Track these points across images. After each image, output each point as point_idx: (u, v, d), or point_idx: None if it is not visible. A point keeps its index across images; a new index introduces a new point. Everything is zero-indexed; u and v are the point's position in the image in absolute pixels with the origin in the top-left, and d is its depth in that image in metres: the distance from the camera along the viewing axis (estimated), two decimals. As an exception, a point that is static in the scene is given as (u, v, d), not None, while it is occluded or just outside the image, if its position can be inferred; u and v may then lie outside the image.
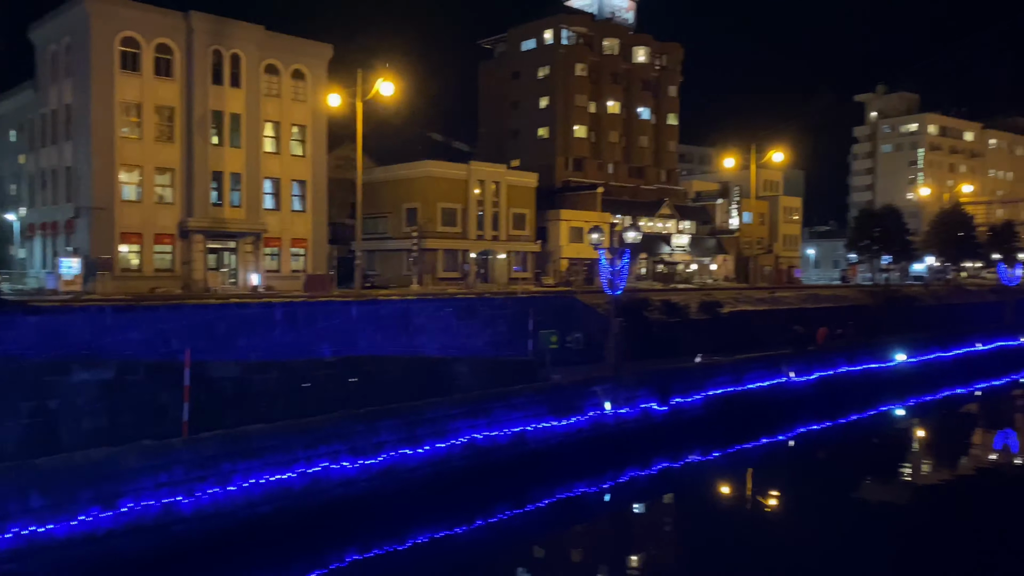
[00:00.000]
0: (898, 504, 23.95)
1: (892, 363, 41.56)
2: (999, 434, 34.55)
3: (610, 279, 29.79)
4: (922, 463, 30.19)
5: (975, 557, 18.66)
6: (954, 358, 46.39)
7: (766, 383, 33.78)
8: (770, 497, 24.96)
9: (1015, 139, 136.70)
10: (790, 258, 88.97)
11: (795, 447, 31.06)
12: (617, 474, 25.29)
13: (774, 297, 49.91)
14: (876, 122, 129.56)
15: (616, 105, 79.80)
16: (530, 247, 63.44)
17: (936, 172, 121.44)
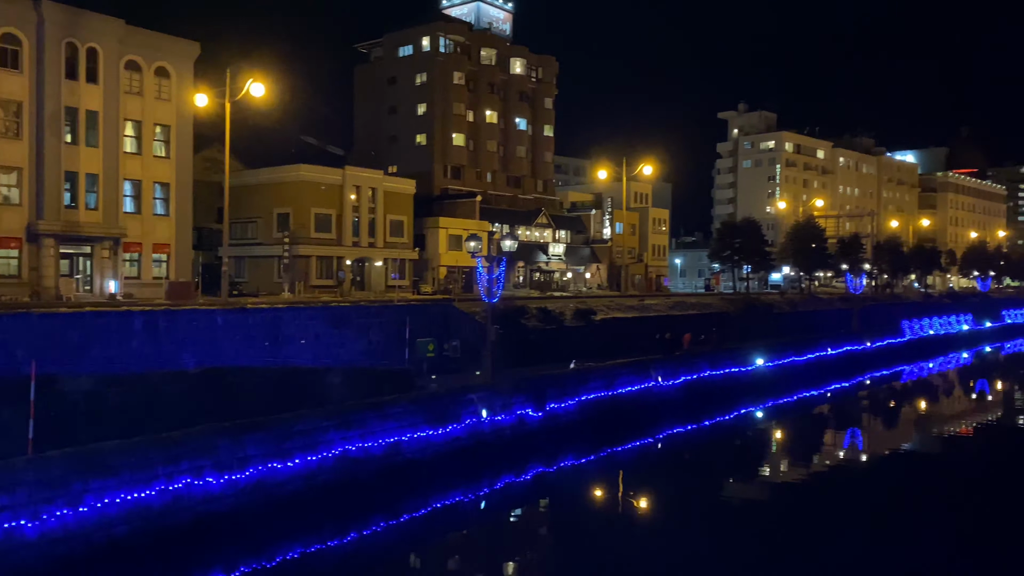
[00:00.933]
0: (759, 500, 25.29)
1: (752, 367, 43.88)
2: (848, 432, 37.10)
3: (488, 287, 29.98)
4: (780, 461, 31.99)
5: (828, 549, 19.93)
6: (807, 362, 49.54)
7: (636, 387, 34.92)
8: (640, 497, 25.76)
9: (861, 157, 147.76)
10: (659, 267, 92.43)
11: (663, 448, 32.23)
12: (493, 481, 25.42)
13: (644, 305, 51.67)
14: (738, 139, 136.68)
15: (494, 115, 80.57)
16: (408, 254, 62.93)
17: (792, 187, 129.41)
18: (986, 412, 43.64)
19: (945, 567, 18.59)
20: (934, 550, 19.66)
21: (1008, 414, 43.38)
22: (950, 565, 18.67)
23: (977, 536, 20.81)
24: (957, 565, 18.66)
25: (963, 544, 20.09)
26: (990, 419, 41.85)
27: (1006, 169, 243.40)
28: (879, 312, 69.44)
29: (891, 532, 21.00)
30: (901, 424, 39.82)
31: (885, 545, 19.97)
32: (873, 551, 19.55)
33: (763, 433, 37.42)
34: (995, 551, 19.63)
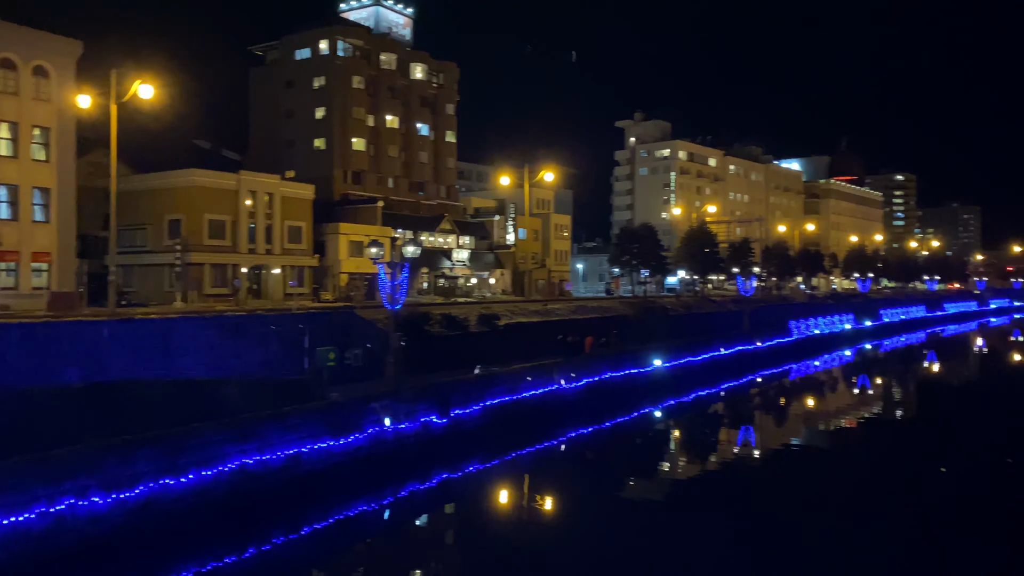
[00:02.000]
0: (659, 497, 26.00)
1: (651, 368, 45.10)
2: (741, 429, 38.62)
3: (390, 294, 29.71)
4: (679, 458, 33.00)
5: (725, 541, 20.68)
6: (702, 362, 51.30)
7: (540, 391, 35.33)
8: (545, 499, 26.05)
9: (750, 165, 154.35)
10: (561, 272, 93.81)
11: (567, 450, 32.71)
12: (397, 489, 25.19)
13: (547, 309, 52.36)
14: (634, 147, 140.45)
15: (395, 120, 79.99)
16: (307, 261, 61.61)
17: (686, 194, 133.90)
18: (867, 406, 46.29)
19: (834, 551, 19.59)
20: (826, 536, 20.71)
21: (888, 407, 46.14)
22: (839, 549, 19.69)
23: (863, 520, 22.03)
24: (846, 550, 19.70)
25: (853, 529, 21.23)
26: (871, 412, 44.41)
27: (882, 177, 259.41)
28: (768, 313, 72.59)
29: (785, 522, 22.00)
30: (790, 419, 41.73)
31: (779, 534, 20.90)
32: (767, 541, 20.43)
33: (662, 432, 38.51)
34: (881, 534, 20.83)
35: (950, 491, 25.36)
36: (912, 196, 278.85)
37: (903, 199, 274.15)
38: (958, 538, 20.54)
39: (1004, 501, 23.88)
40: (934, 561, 19.00)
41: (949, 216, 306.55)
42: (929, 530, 21.26)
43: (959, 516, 22.50)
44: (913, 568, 18.66)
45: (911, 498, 24.50)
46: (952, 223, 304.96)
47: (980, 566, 18.68)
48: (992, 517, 22.26)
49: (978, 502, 23.88)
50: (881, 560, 19.01)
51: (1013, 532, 20.91)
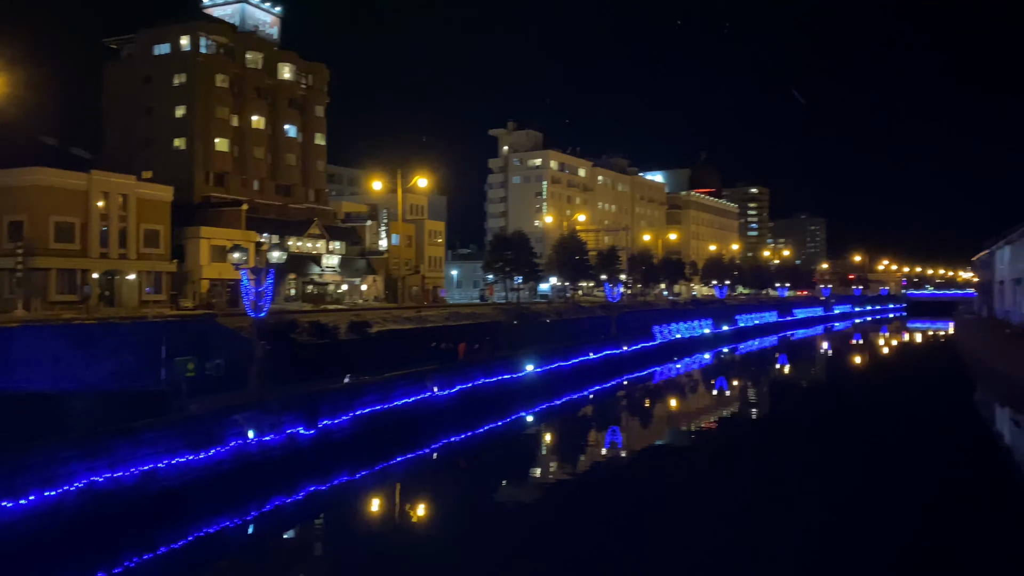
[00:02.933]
0: (531, 499, 26.26)
1: (523, 374, 45.65)
2: (608, 431, 39.66)
3: (254, 301, 28.62)
4: (550, 461, 33.49)
5: (595, 543, 21.13)
6: (572, 366, 52.42)
7: (412, 399, 34.99)
8: (417, 508, 25.78)
9: (617, 177, 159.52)
10: (435, 279, 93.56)
11: (440, 458, 32.53)
12: (262, 504, 24.23)
13: (421, 316, 51.99)
14: (508, 155, 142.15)
15: (261, 120, 77.38)
16: (165, 267, 58.48)
17: (557, 203, 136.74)
18: (725, 406, 48.69)
19: (702, 544, 20.41)
20: (690, 531, 21.55)
21: (743, 407, 48.68)
22: (706, 542, 20.54)
23: (726, 513, 23.09)
24: (712, 542, 20.56)
25: (716, 521, 22.21)
26: (729, 412, 46.74)
27: (738, 189, 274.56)
28: (634, 318, 75.13)
29: (653, 519, 22.73)
30: (655, 420, 43.29)
31: (649, 531, 21.57)
32: (639, 539, 21.04)
33: (534, 436, 39.01)
34: (744, 529, 21.88)
35: (802, 483, 27.02)
36: (765, 208, 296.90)
37: (757, 211, 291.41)
38: (814, 528, 21.88)
39: (852, 492, 25.66)
40: (790, 551, 20.15)
41: (798, 227, 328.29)
42: (784, 520, 22.55)
43: (813, 506, 24.00)
44: (776, 559, 19.70)
45: (767, 490, 25.91)
46: (801, 233, 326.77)
47: (836, 554, 19.98)
48: (842, 505, 23.88)
49: (827, 491, 25.56)
50: (745, 549, 19.99)
51: (858, 519, 22.52)
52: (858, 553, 19.76)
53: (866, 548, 20.10)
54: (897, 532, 21.43)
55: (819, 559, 19.42)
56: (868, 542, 20.59)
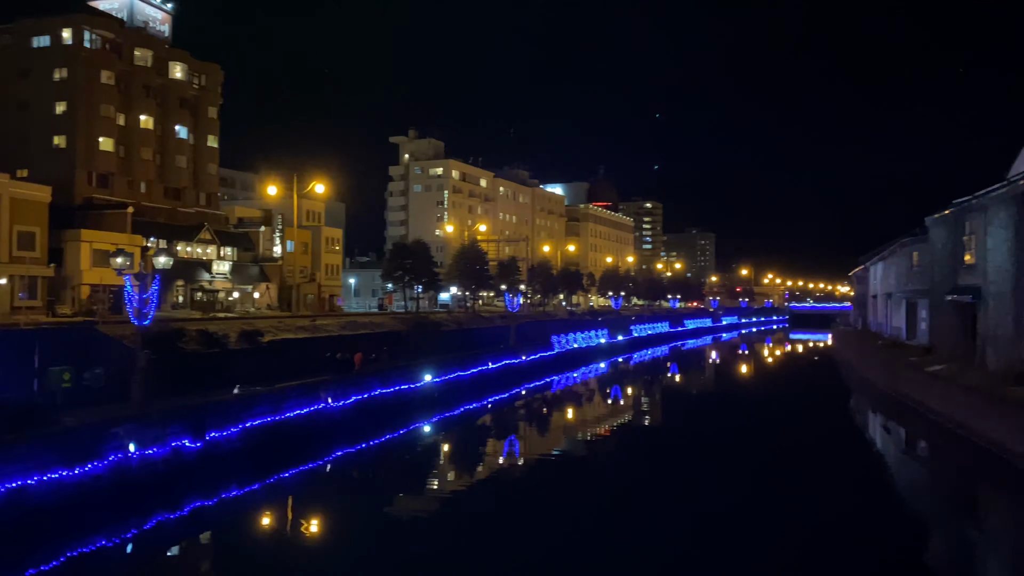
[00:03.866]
0: (427, 512, 26.02)
1: (421, 384, 45.34)
2: (506, 440, 39.83)
3: (138, 308, 27.34)
4: (447, 471, 33.32)
5: (490, 552, 21.15)
6: (471, 376, 52.47)
7: (305, 410, 34.17)
8: (310, 521, 25.13)
9: (518, 188, 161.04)
10: (332, 287, 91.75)
11: (333, 470, 31.87)
12: (143, 520, 23.08)
13: (316, 325, 50.86)
14: (409, 163, 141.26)
15: (150, 120, 74.05)
16: (41, 271, 54.99)
17: (459, 212, 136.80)
18: (620, 413, 49.75)
19: (601, 547, 20.74)
20: (588, 538, 21.87)
21: (637, 414, 49.87)
22: (605, 545, 20.88)
23: (624, 515, 23.57)
24: (610, 544, 20.92)
25: (614, 524, 22.62)
26: (623, 419, 47.79)
27: (633, 203, 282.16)
28: (533, 328, 75.92)
29: (552, 526, 22.94)
30: (552, 429, 43.78)
31: (548, 539, 21.75)
32: (536, 547, 21.18)
33: (431, 447, 38.75)
34: (640, 527, 22.38)
35: (693, 486, 27.90)
36: (659, 222, 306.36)
37: (651, 225, 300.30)
38: (706, 528, 22.61)
39: (736, 492, 26.68)
40: (682, 554, 20.75)
41: (689, 241, 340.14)
42: (678, 522, 23.22)
43: (704, 506, 24.81)
44: (668, 562, 20.23)
45: (660, 494, 26.63)
46: (692, 247, 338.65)
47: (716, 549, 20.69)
48: (729, 503, 24.79)
49: (714, 492, 26.49)
50: (642, 551, 20.44)
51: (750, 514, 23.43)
52: (739, 547, 20.56)
53: (746, 543, 20.95)
54: (771, 523, 22.42)
55: (707, 559, 20.10)
56: (748, 536, 21.46)
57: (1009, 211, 37.07)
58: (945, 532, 24.01)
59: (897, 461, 35.17)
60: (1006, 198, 37.66)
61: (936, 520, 25.32)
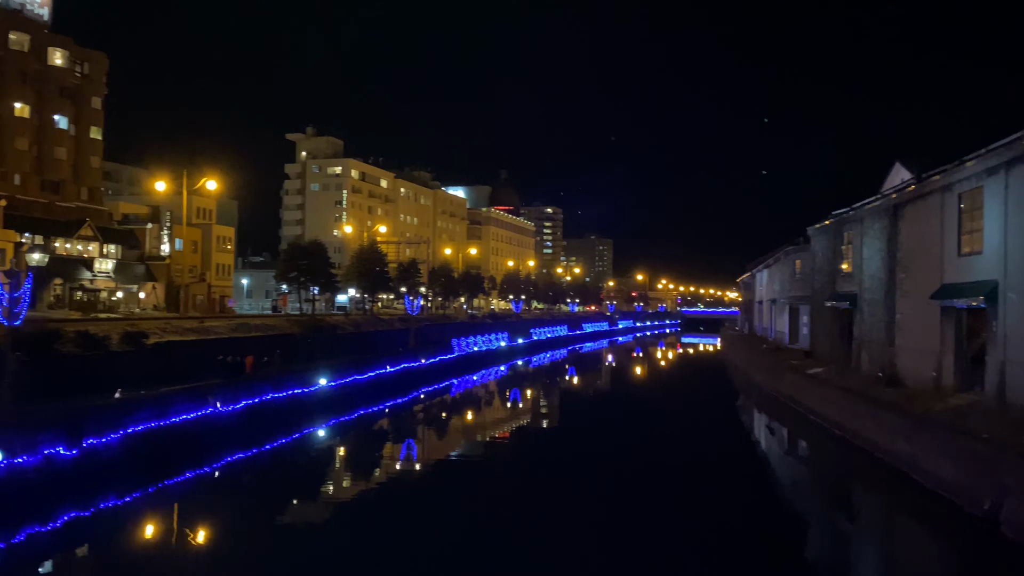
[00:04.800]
0: (320, 519, 25.43)
1: (316, 388, 44.35)
2: (404, 444, 39.44)
3: (7, 307, 25.60)
4: (341, 478, 32.69)
5: (387, 557, 20.84)
6: (368, 380, 51.70)
7: (192, 415, 32.84)
8: (196, 531, 24.11)
9: (420, 189, 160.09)
10: (224, 287, 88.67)
11: (221, 477, 30.74)
12: (10, 535, 21.59)
13: (205, 327, 48.97)
14: (306, 161, 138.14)
15: (26, 109, 69.66)
16: (-103, 267, 50.76)
17: (358, 212, 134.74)
18: (518, 417, 50.11)
19: (500, 549, 20.76)
20: (487, 541, 21.85)
21: (535, 417, 50.36)
22: (505, 547, 20.91)
23: (524, 516, 23.68)
24: (510, 546, 20.97)
25: (513, 524, 22.69)
26: (521, 421, 48.15)
27: (534, 208, 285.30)
28: (433, 331, 75.58)
29: (450, 529, 22.81)
30: (451, 432, 43.65)
31: (446, 543, 21.61)
32: (433, 551, 21.01)
33: (325, 452, 37.94)
34: (541, 525, 22.52)
35: (590, 484, 28.36)
36: (559, 227, 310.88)
37: (552, 229, 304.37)
38: (602, 522, 23.00)
39: (630, 489, 27.30)
40: (580, 553, 21.03)
41: (588, 246, 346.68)
42: (574, 519, 23.53)
43: (600, 502, 25.25)
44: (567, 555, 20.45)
45: (557, 492, 26.93)
46: (591, 253, 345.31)
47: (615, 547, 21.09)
48: (620, 501, 25.33)
49: (609, 489, 27.04)
50: (539, 551, 20.59)
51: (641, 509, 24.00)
52: (626, 541, 21.05)
53: (632, 537, 21.47)
54: (658, 518, 23.08)
55: (597, 554, 20.47)
56: (635, 530, 22.00)
57: (882, 223, 39.50)
58: (822, 527, 25.31)
59: (779, 460, 36.84)
60: (879, 211, 40.12)
61: (813, 516, 26.65)
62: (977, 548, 20.75)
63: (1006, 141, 27.27)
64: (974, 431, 24.38)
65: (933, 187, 33.27)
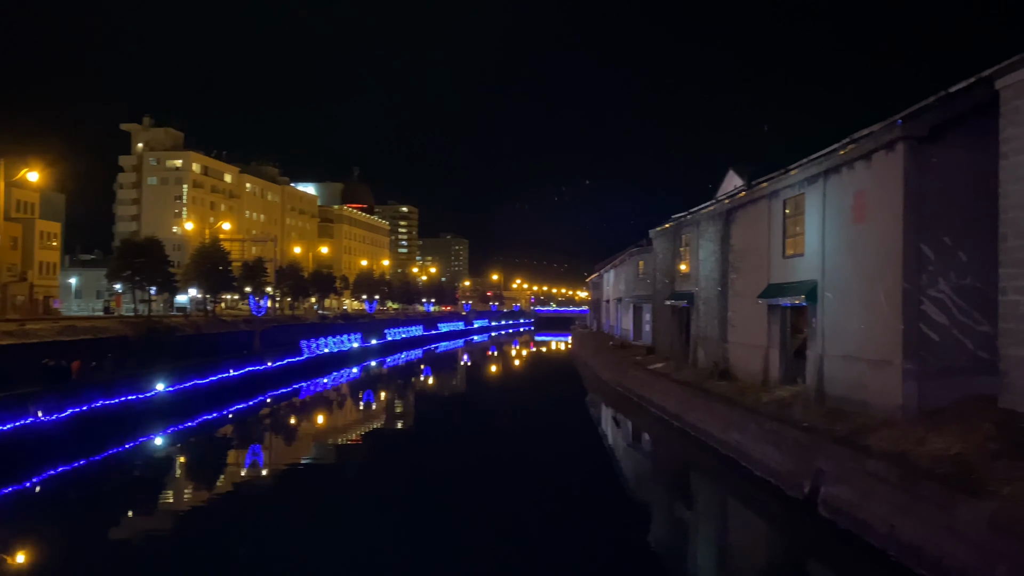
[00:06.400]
0: (158, 530, 23.98)
1: (153, 393, 41.87)
2: (249, 450, 37.92)
3: None
4: (182, 488, 30.98)
5: (233, 565, 19.94)
6: (210, 384, 49.35)
7: (9, 426, 30.15)
8: (14, 553, 22.08)
9: (267, 185, 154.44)
10: (48, 287, 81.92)
11: (43, 492, 28.37)
12: None
13: (25, 330, 45.02)
14: (143, 154, 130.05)
15: None
16: None
17: (200, 208, 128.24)
18: (371, 419, 49.43)
19: (357, 554, 20.31)
20: (336, 546, 21.32)
21: (389, 419, 49.85)
22: (361, 552, 20.47)
23: (379, 519, 23.29)
24: (360, 550, 20.56)
25: (366, 528, 22.26)
26: (375, 424, 47.52)
27: (389, 207, 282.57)
28: (281, 333, 73.17)
29: (295, 538, 22.09)
30: (299, 437, 42.42)
31: (292, 551, 20.92)
32: (283, 557, 20.30)
33: (164, 461, 35.84)
34: (384, 534, 22.23)
35: (440, 481, 28.36)
36: (414, 226, 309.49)
37: (407, 229, 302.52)
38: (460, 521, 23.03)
39: (483, 485, 27.55)
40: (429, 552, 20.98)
41: (444, 246, 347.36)
42: (426, 515, 23.45)
43: (454, 496, 25.29)
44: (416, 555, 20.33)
45: (410, 493, 26.76)
46: (446, 252, 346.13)
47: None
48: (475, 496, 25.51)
49: (463, 485, 27.16)
50: (389, 554, 20.34)
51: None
52: (469, 533, 21.29)
53: (477, 529, 21.75)
54: (507, 509, 23.52)
55: (442, 548, 20.54)
56: (480, 523, 22.28)
57: (716, 226, 42.03)
58: (660, 513, 26.60)
59: (623, 451, 38.39)
60: (713, 215, 42.67)
61: (652, 503, 27.98)
62: (798, 528, 22.50)
63: (824, 152, 29.76)
64: (796, 420, 26.44)
65: (761, 193, 35.75)
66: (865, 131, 27.20)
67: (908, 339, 23.46)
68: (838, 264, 28.15)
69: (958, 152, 23.60)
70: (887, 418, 23.59)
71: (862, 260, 26.31)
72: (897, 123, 23.93)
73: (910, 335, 23.46)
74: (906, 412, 23.12)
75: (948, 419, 21.63)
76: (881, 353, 24.65)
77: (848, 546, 19.53)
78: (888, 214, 24.46)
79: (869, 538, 18.93)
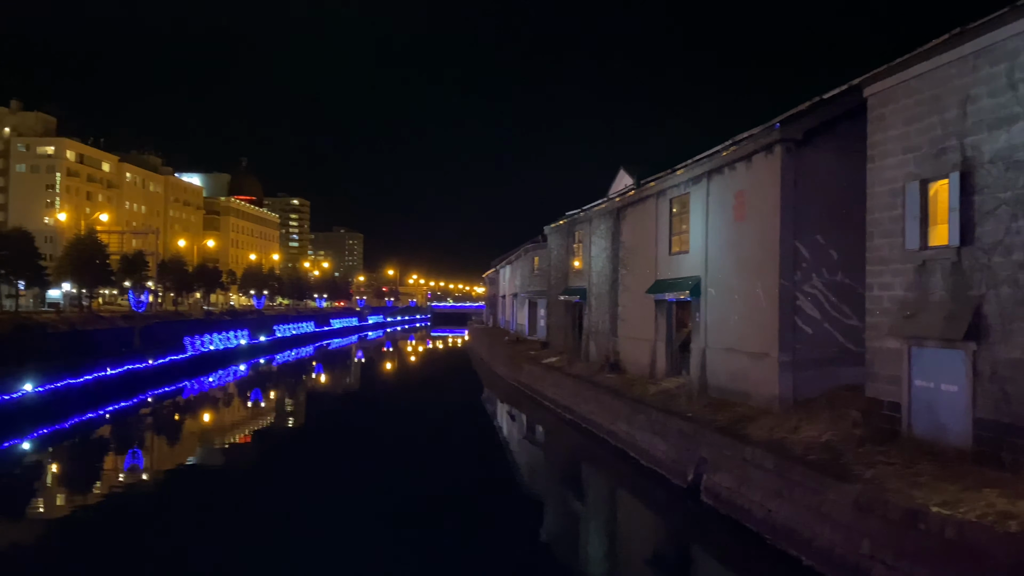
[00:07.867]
0: (26, 540, 22.50)
1: (19, 394, 39.31)
2: (128, 453, 36.12)
3: None
4: (55, 495, 29.18)
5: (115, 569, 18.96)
6: (85, 383, 46.73)
7: None
8: None
9: (149, 175, 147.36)
10: (-101, 281, 75.21)
11: None
12: None
13: None
14: (11, 139, 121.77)
15: None
16: None
17: (75, 198, 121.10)
18: (259, 418, 48.01)
19: (270, 554, 19.62)
20: (231, 548, 20.58)
21: (278, 418, 48.54)
22: (272, 552, 19.79)
23: (256, 526, 22.58)
24: (273, 550, 19.89)
25: (259, 537, 21.55)
26: (264, 423, 46.18)
27: (279, 199, 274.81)
28: (163, 329, 70.04)
29: (183, 544, 21.20)
30: (183, 437, 40.75)
31: (180, 557, 20.05)
32: (183, 562, 19.42)
33: (32, 466, 33.66)
34: (273, 534, 21.60)
35: (336, 479, 27.84)
36: (306, 220, 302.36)
37: (298, 222, 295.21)
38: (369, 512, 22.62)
39: (386, 480, 27.21)
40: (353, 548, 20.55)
41: (337, 240, 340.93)
42: (323, 511, 22.94)
43: (362, 491, 24.85)
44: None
45: (302, 493, 26.13)
46: (340, 247, 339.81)
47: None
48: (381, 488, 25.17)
49: (369, 478, 26.75)
50: (283, 556, 19.78)
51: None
52: (366, 526, 21.07)
53: (371, 521, 21.55)
54: (401, 502, 23.40)
55: (337, 539, 20.22)
56: (374, 515, 22.09)
57: (607, 224, 43.01)
58: (551, 503, 27.03)
59: (517, 443, 38.80)
60: (605, 212, 43.65)
61: (544, 493, 28.41)
62: (681, 515, 23.34)
63: (708, 153, 30.94)
64: (680, 411, 27.40)
65: (650, 192, 36.82)
66: (746, 134, 28.46)
67: (784, 333, 24.72)
68: (720, 261, 29.33)
69: (830, 155, 25.02)
70: (765, 408, 24.79)
71: (742, 257, 27.51)
72: (775, 127, 25.14)
73: (786, 329, 24.73)
74: (782, 402, 24.36)
75: (820, 408, 22.94)
76: (760, 346, 25.86)
77: (728, 531, 20.40)
78: (766, 213, 25.68)
79: (748, 522, 19.83)
